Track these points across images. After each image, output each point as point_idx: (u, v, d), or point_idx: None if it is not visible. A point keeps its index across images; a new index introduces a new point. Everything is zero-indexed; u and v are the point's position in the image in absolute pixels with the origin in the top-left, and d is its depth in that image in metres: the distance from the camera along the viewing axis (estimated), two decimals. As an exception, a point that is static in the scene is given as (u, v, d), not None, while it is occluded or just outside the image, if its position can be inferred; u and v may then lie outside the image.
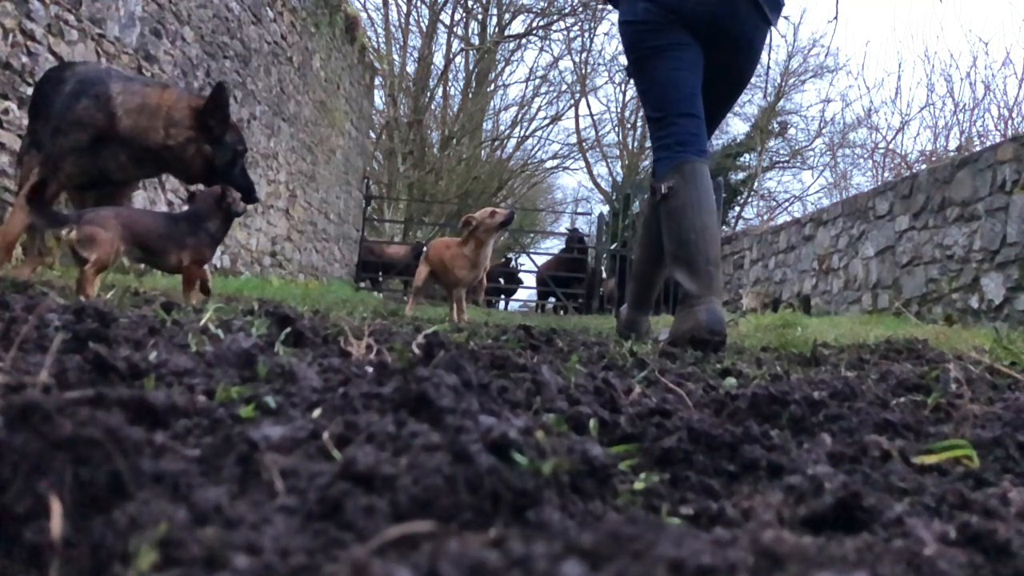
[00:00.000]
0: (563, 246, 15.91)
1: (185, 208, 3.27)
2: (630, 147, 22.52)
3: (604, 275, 14.19)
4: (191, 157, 3.17)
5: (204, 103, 3.16)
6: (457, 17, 21.02)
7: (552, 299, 14.87)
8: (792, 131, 20.76)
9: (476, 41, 21.15)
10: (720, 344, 2.56)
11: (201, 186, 3.39)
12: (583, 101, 22.52)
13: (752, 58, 2.93)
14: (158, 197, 5.99)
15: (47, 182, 2.90)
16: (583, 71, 21.43)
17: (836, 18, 12.27)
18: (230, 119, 3.26)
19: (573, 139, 23.40)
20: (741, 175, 19.25)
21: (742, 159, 19.42)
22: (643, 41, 2.82)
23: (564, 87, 22.86)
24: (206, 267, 3.21)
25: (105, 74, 3.28)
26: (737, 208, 19.22)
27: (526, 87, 25.77)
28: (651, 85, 2.84)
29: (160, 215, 3.18)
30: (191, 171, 3.24)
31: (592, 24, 20.46)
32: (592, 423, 0.90)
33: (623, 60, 3.14)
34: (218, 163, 3.21)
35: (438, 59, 20.78)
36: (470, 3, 20.84)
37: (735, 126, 22.02)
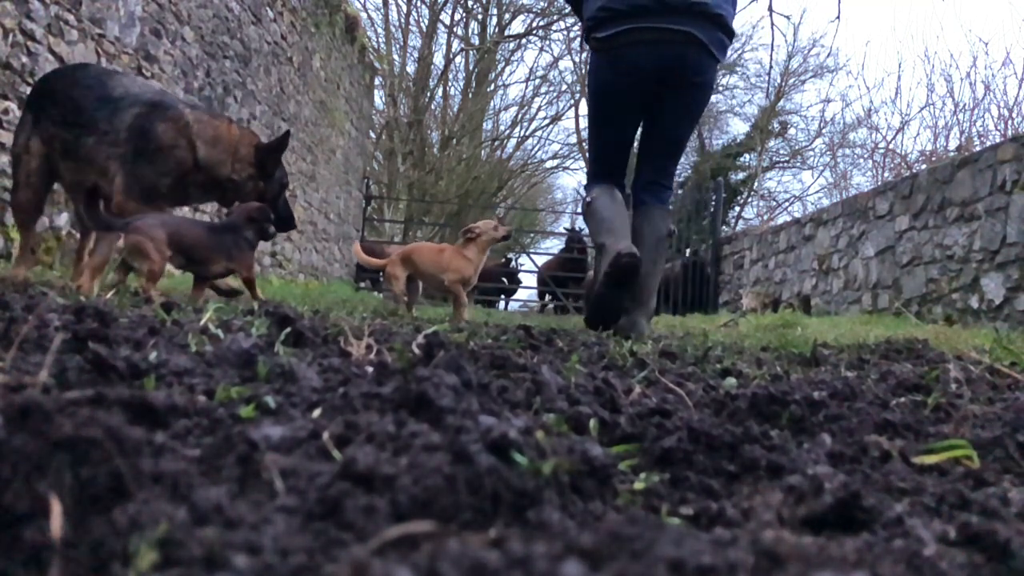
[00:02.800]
0: (563, 246, 15.87)
1: (224, 219, 3.40)
2: (630, 147, 22.43)
3: None
4: (249, 191, 3.45)
5: (267, 142, 3.49)
6: (457, 17, 21.04)
7: (553, 299, 14.86)
8: (792, 131, 20.74)
9: (476, 41, 21.15)
10: (634, 263, 3.16)
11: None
12: (583, 101, 22.51)
13: (703, 90, 3.45)
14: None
15: (100, 186, 2.99)
16: (583, 71, 21.40)
17: (838, 17, 12.25)
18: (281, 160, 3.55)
19: (573, 139, 23.38)
20: (741, 175, 19.22)
21: (742, 159, 19.40)
22: (603, 100, 3.43)
23: (564, 87, 22.86)
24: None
25: (164, 95, 3.39)
26: (737, 208, 19.20)
27: (526, 87, 25.78)
28: (598, 142, 3.57)
29: (202, 224, 3.32)
30: (244, 202, 3.47)
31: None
32: (592, 423, 0.90)
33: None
34: (267, 196, 3.50)
35: (438, 59, 20.79)
36: (470, 3, 20.84)
37: (735, 126, 22.01)
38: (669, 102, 3.34)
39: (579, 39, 19.71)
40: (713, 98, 21.85)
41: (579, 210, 3.97)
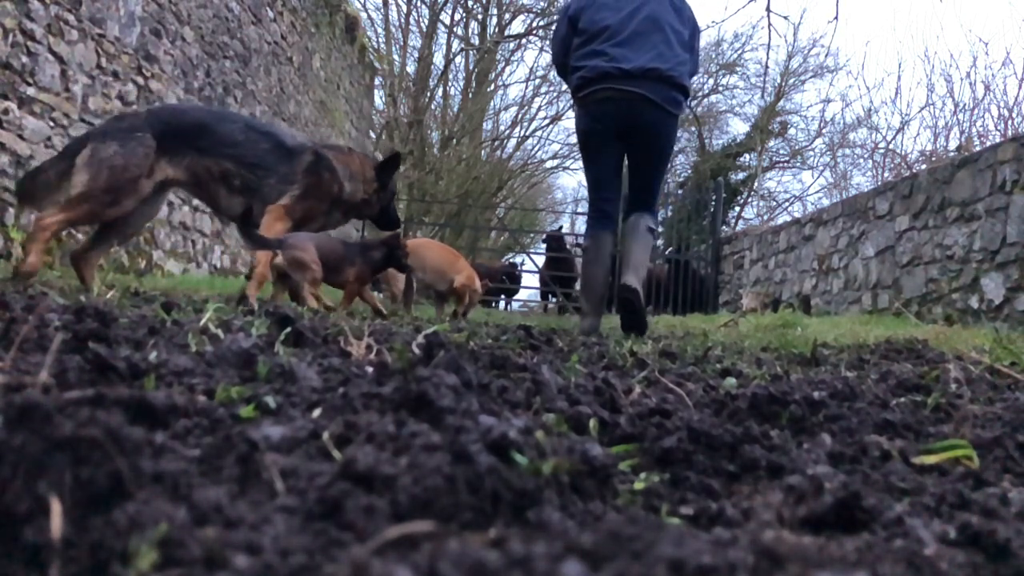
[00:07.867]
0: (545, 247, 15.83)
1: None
2: (630, 147, 22.37)
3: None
4: (374, 204, 4.20)
5: (382, 161, 4.23)
6: (457, 17, 20.99)
7: (552, 299, 14.87)
8: (792, 131, 20.67)
9: (476, 41, 21.12)
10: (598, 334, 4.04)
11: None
12: (583, 101, 22.36)
13: (662, 139, 4.29)
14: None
15: (252, 208, 3.51)
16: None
17: (836, 18, 12.24)
18: None
19: (573, 139, 23.34)
20: (741, 175, 19.20)
21: (742, 159, 19.38)
22: (585, 147, 4.42)
23: (564, 87, 22.81)
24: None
25: (316, 143, 4.05)
26: (737, 208, 19.17)
27: (526, 87, 25.72)
28: (588, 175, 4.48)
29: (337, 240, 4.02)
30: (371, 214, 4.31)
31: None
32: (592, 423, 0.90)
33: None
34: (383, 203, 4.26)
35: (438, 59, 20.74)
36: (470, 3, 20.81)
37: (735, 126, 21.89)
38: (635, 148, 4.30)
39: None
40: (713, 98, 21.83)
41: (579, 210, 4.37)
